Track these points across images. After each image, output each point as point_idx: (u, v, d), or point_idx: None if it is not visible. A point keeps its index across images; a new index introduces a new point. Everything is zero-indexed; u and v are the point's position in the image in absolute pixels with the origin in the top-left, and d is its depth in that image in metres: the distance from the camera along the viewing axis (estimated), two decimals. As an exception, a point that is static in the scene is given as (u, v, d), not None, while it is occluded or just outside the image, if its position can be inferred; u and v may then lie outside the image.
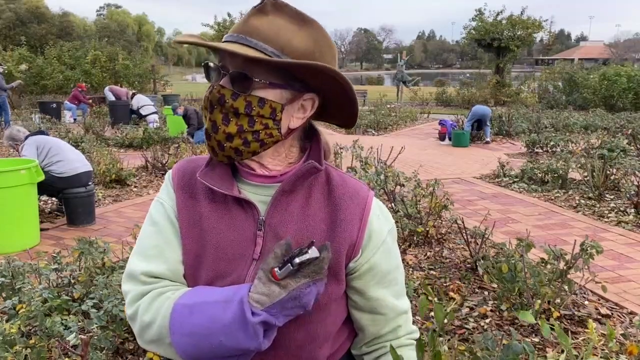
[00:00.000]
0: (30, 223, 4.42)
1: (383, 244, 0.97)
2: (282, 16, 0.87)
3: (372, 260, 0.96)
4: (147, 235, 0.97)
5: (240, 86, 0.86)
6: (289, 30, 0.86)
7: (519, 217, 5.38)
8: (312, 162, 0.92)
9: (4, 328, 2.42)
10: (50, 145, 4.86)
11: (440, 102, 21.72)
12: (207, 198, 0.95)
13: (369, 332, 1.02)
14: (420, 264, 4.03)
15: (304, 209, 0.93)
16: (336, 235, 0.92)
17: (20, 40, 24.44)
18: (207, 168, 0.95)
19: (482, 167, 8.23)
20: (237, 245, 0.92)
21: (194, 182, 0.97)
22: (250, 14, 0.88)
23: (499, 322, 3.06)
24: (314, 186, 0.95)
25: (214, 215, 0.94)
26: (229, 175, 0.95)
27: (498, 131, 12.04)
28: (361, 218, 0.94)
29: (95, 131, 10.58)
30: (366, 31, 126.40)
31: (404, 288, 1.04)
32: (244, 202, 0.93)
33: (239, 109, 0.86)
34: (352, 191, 0.96)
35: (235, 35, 0.86)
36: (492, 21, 21.99)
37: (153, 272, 0.93)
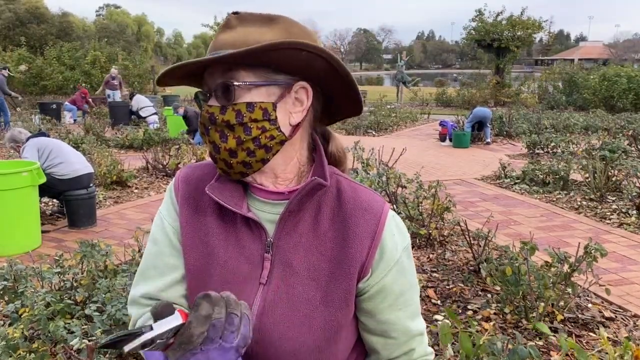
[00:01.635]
0: (32, 225, 4.41)
1: (397, 263, 0.89)
2: (249, 24, 0.84)
3: (383, 281, 0.88)
4: (148, 255, 0.95)
5: (224, 98, 0.82)
6: (258, 33, 0.83)
7: (521, 218, 5.38)
8: (315, 179, 0.85)
9: (7, 332, 2.41)
10: (52, 147, 4.85)
11: (440, 102, 21.71)
12: (215, 213, 0.91)
13: (381, 355, 0.95)
14: (423, 267, 4.02)
15: (313, 228, 0.88)
16: (346, 255, 0.86)
17: (20, 41, 24.38)
18: (217, 182, 0.90)
19: (483, 169, 8.22)
20: (244, 267, 0.87)
21: (200, 193, 0.92)
22: (218, 32, 0.86)
23: (502, 326, 3.05)
24: (323, 202, 0.90)
25: (221, 232, 0.89)
26: (239, 190, 0.91)
27: (498, 132, 12.03)
28: (373, 235, 0.87)
29: (95, 132, 10.55)
30: (366, 31, 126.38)
31: (419, 308, 0.97)
32: (252, 222, 0.88)
33: (230, 121, 0.82)
34: (365, 205, 0.90)
35: (211, 53, 0.84)
36: (492, 22, 21.99)
37: (151, 294, 0.91)
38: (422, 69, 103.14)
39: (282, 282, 0.86)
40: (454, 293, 3.51)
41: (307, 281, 0.86)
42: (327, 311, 0.86)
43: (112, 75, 15.84)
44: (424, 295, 3.49)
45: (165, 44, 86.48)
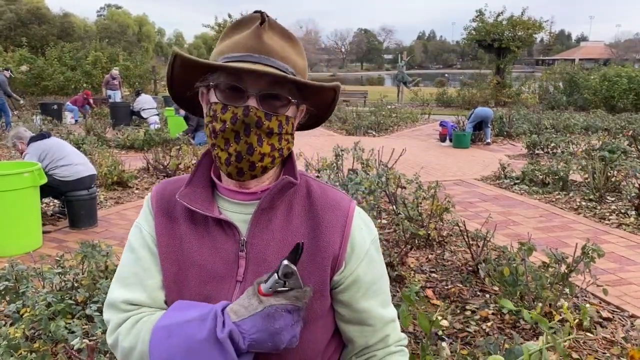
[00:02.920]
0: (33, 225, 4.43)
1: (366, 255, 0.96)
2: (277, 34, 0.90)
3: (356, 272, 0.95)
4: (126, 263, 0.97)
5: (271, 106, 0.87)
6: (289, 48, 0.90)
7: (520, 219, 5.39)
8: (286, 177, 0.92)
9: (8, 332, 2.43)
10: (54, 149, 4.86)
11: (440, 102, 21.71)
12: (188, 219, 0.94)
13: (357, 343, 1.01)
14: (422, 267, 4.04)
15: (285, 225, 0.93)
16: (318, 249, 0.92)
17: (21, 42, 24.43)
18: (187, 189, 0.94)
19: (483, 169, 8.24)
20: (220, 267, 0.91)
21: (173, 203, 0.96)
22: (257, 32, 0.88)
23: (500, 326, 3.07)
24: (294, 200, 0.95)
25: (195, 236, 0.93)
26: (209, 195, 0.95)
27: (499, 132, 12.05)
28: (343, 230, 0.94)
29: (96, 132, 10.58)
30: (366, 31, 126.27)
31: (390, 296, 1.04)
32: (225, 223, 0.92)
33: (274, 129, 0.88)
34: (333, 202, 0.96)
35: (256, 56, 0.87)
36: (493, 22, 21.99)
37: (132, 300, 0.93)
38: (423, 69, 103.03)
39: (257, 278, 0.89)
40: (453, 293, 3.52)
41: None
42: None
43: (112, 75, 15.87)
44: (423, 295, 3.50)
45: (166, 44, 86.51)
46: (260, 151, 0.88)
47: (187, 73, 0.91)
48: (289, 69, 0.89)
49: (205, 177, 0.98)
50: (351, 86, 32.04)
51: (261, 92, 0.86)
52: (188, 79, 0.92)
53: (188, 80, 0.93)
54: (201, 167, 0.98)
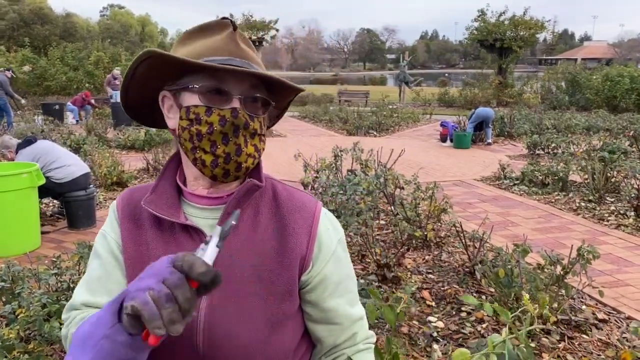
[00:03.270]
0: (31, 226, 4.45)
1: (333, 254, 0.97)
2: (244, 41, 0.93)
3: (323, 272, 0.96)
4: (92, 269, 0.98)
5: (253, 108, 0.89)
6: (253, 53, 0.93)
7: (519, 220, 5.38)
8: (251, 181, 0.92)
9: (3, 333, 2.44)
10: (45, 153, 4.83)
11: (442, 102, 21.69)
12: (154, 225, 0.95)
13: (326, 342, 1.01)
14: (419, 268, 4.04)
15: (252, 228, 0.94)
16: (286, 250, 0.93)
17: (24, 42, 24.50)
18: (153, 195, 0.94)
19: (483, 169, 8.23)
20: None
21: (139, 210, 0.96)
22: (232, 37, 0.90)
23: (495, 327, 3.07)
24: (260, 203, 0.96)
25: (161, 242, 0.93)
26: (175, 200, 0.95)
27: (500, 132, 12.03)
28: (310, 231, 0.95)
29: (97, 133, 10.61)
30: (369, 31, 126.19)
31: (357, 295, 1.05)
32: (191, 228, 0.92)
33: (257, 130, 0.90)
34: (299, 204, 0.98)
35: (239, 60, 0.88)
36: (495, 22, 21.95)
37: (93, 303, 0.94)
38: (426, 68, 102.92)
39: (226, 282, 0.88)
40: (449, 294, 3.52)
41: (251, 278, 0.91)
42: (272, 304, 0.91)
43: (114, 75, 15.89)
44: (419, 296, 3.51)
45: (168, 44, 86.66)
46: (246, 152, 0.89)
47: (156, 75, 0.89)
48: (263, 71, 0.92)
49: (171, 183, 0.98)
50: (353, 86, 32.02)
51: (244, 94, 0.88)
52: (152, 82, 0.91)
53: (151, 84, 0.91)
54: (167, 172, 0.99)
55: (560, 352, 2.83)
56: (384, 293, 3.46)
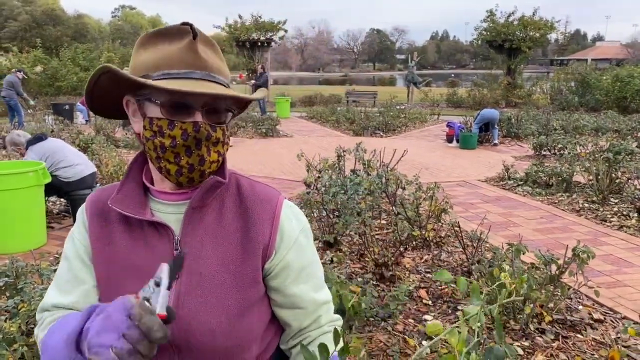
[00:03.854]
0: (37, 224, 4.54)
1: (295, 242, 1.02)
2: (205, 44, 0.95)
3: (286, 259, 1.00)
4: (61, 271, 1.03)
5: (215, 118, 0.93)
6: (216, 57, 0.96)
7: (521, 220, 5.38)
8: (213, 177, 0.96)
9: (5, 326, 2.51)
10: (53, 151, 4.92)
11: (451, 103, 21.64)
12: (122, 223, 0.99)
13: (293, 326, 1.06)
14: (417, 267, 4.06)
15: (217, 221, 0.98)
16: (250, 240, 0.97)
17: (36, 42, 24.82)
18: (119, 194, 0.98)
19: (487, 170, 8.22)
20: (155, 267, 0.92)
21: (107, 209, 1.00)
22: (192, 46, 0.91)
23: (490, 326, 3.09)
24: (225, 198, 1.00)
25: (130, 240, 0.97)
26: (141, 198, 0.99)
27: (506, 133, 11.99)
28: (272, 221, 1.00)
29: (105, 132, 10.73)
30: (379, 32, 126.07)
31: (323, 281, 1.09)
32: (158, 224, 0.96)
33: (220, 138, 0.94)
34: (262, 196, 1.02)
35: (199, 72, 0.91)
36: (504, 22, 21.86)
37: (62, 304, 1.00)
38: (436, 69, 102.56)
39: (193, 273, 0.94)
40: (446, 294, 3.55)
41: (217, 267, 0.95)
42: (238, 291, 0.96)
43: None
44: (416, 295, 3.54)
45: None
46: (209, 160, 0.94)
47: (117, 86, 0.93)
48: (225, 80, 0.95)
49: (137, 181, 1.01)
50: (361, 87, 32.02)
51: (206, 106, 0.91)
52: (114, 91, 0.94)
53: (114, 92, 0.94)
54: (132, 172, 1.02)
55: (554, 351, 2.84)
56: (381, 292, 3.49)
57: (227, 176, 1.00)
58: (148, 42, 0.94)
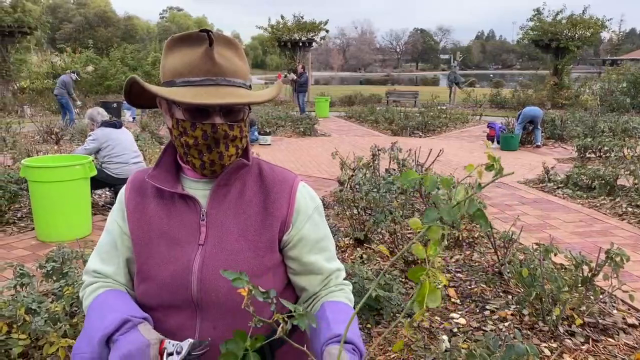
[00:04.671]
0: (83, 214, 4.79)
1: (310, 218, 1.15)
2: (223, 46, 1.05)
3: (301, 232, 1.14)
4: (102, 241, 1.20)
5: (233, 118, 1.06)
6: (235, 58, 1.07)
7: (558, 223, 5.27)
8: (239, 160, 1.10)
9: (50, 307, 2.69)
10: (116, 144, 5.17)
11: (494, 104, 21.19)
12: (156, 197, 1.14)
13: (308, 291, 1.19)
14: (448, 267, 4.06)
15: (240, 198, 1.12)
16: (268, 214, 1.11)
17: (88, 43, 25.90)
18: (155, 171, 1.13)
19: (527, 172, 8.05)
20: (185, 234, 1.10)
21: (145, 185, 1.16)
22: (208, 54, 1.02)
23: (518, 326, 3.07)
24: (247, 178, 1.14)
25: (163, 211, 1.12)
26: (174, 175, 1.14)
27: (550, 135, 11.68)
28: (289, 199, 1.13)
29: (151, 130, 11.11)
30: (422, 31, 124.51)
31: (334, 253, 1.22)
32: (187, 197, 1.11)
33: (237, 135, 1.08)
34: (280, 177, 1.16)
35: (214, 78, 1.02)
36: (551, 21, 21.22)
37: (101, 271, 1.16)
38: (481, 69, 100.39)
39: (216, 241, 1.09)
40: (475, 293, 3.54)
41: (237, 237, 1.09)
42: (254, 257, 1.09)
43: None
44: (444, 294, 3.54)
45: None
46: (228, 155, 1.08)
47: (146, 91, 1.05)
48: (240, 81, 1.06)
49: (170, 162, 1.15)
50: (402, 87, 31.77)
51: (223, 109, 1.04)
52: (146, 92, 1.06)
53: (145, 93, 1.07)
54: (166, 153, 1.16)
55: (583, 354, 2.80)
56: (409, 289, 3.52)
57: (250, 160, 1.14)
58: (174, 47, 1.07)
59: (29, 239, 4.71)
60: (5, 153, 8.24)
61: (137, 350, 0.95)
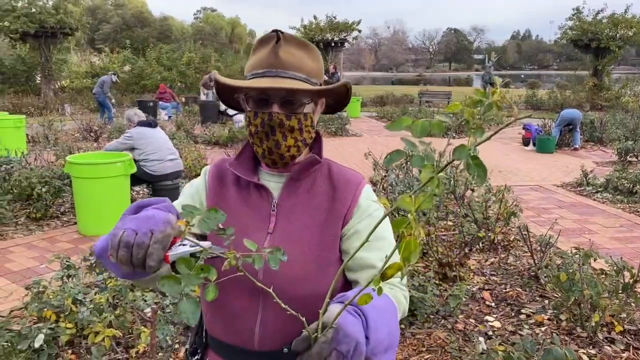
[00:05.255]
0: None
1: (369, 216, 1.18)
2: (293, 46, 1.14)
3: (357, 226, 1.16)
4: (179, 202, 1.25)
5: (290, 108, 1.12)
6: (304, 57, 1.14)
7: (597, 228, 5.14)
8: (312, 155, 1.18)
9: (94, 298, 2.80)
10: (151, 142, 5.33)
11: (530, 105, 20.75)
12: (234, 184, 1.22)
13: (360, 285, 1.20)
14: (483, 269, 4.02)
15: (309, 193, 1.18)
16: (333, 211, 1.16)
17: (125, 43, 26.56)
18: (236, 161, 1.22)
19: (565, 175, 7.87)
20: (256, 221, 1.17)
21: (225, 172, 1.25)
22: (274, 49, 1.12)
23: (555, 331, 3.02)
24: (317, 176, 1.20)
25: (239, 197, 1.20)
26: (252, 166, 1.22)
27: (589, 137, 11.38)
28: (353, 197, 1.17)
29: (185, 129, 11.34)
30: (456, 31, 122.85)
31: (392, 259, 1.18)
32: (262, 187, 1.19)
33: (294, 126, 1.13)
34: (348, 177, 1.21)
35: (274, 70, 1.11)
36: (591, 20, 20.66)
37: None
38: (516, 69, 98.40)
39: (284, 231, 1.15)
40: (510, 297, 3.50)
41: (303, 229, 1.15)
42: (319, 250, 1.14)
43: (210, 77, 16.82)
44: (479, 297, 3.51)
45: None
46: (285, 145, 1.13)
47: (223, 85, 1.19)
48: (302, 76, 1.12)
49: (249, 155, 1.24)
50: (435, 87, 31.44)
51: (281, 99, 1.11)
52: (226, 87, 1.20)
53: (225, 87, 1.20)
54: (247, 146, 1.25)
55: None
56: (443, 291, 3.50)
57: (322, 157, 1.21)
58: (256, 48, 1.18)
59: (71, 233, 4.89)
60: (48, 150, 8.55)
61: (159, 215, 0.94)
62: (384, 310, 1.01)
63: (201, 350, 1.21)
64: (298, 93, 1.12)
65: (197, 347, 1.22)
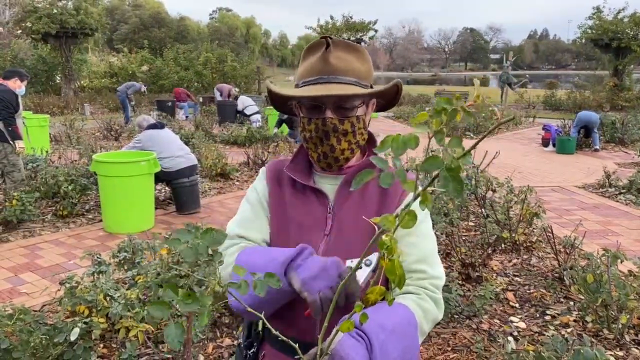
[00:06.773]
0: (147, 208, 5.02)
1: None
2: (342, 50, 1.16)
3: None
4: (244, 211, 1.29)
5: (343, 113, 1.15)
6: (354, 61, 1.16)
7: (621, 230, 5.09)
8: (368, 159, 1.19)
9: (125, 294, 2.86)
10: (158, 142, 5.43)
11: (548, 105, 20.53)
12: (291, 187, 1.25)
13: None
14: (505, 270, 4.01)
15: (362, 196, 1.20)
16: (383, 209, 1.19)
17: (143, 44, 26.85)
18: (292, 164, 1.25)
19: (586, 176, 7.79)
20: (312, 224, 1.20)
21: (281, 175, 1.28)
22: (324, 56, 1.14)
23: (581, 333, 3.01)
24: None
25: (296, 200, 1.23)
26: (308, 169, 1.26)
27: (610, 138, 11.23)
28: (400, 196, 1.20)
29: (204, 128, 11.44)
30: (472, 30, 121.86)
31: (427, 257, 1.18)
32: (318, 191, 1.21)
33: (347, 130, 1.16)
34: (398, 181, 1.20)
35: (326, 77, 1.14)
36: (612, 19, 20.36)
37: (244, 235, 1.25)
38: (533, 69, 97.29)
39: (339, 232, 1.18)
40: (534, 297, 3.49)
41: (355, 231, 1.18)
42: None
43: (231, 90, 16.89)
44: (503, 297, 3.51)
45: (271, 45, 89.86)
46: (339, 149, 1.17)
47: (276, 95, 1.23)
48: (352, 79, 1.14)
49: (304, 158, 1.28)
50: (451, 87, 31.26)
51: (334, 104, 1.14)
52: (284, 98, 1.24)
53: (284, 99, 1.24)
54: (302, 150, 1.28)
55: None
56: (466, 291, 3.50)
57: None
58: (304, 56, 1.21)
59: (97, 230, 4.98)
60: (71, 149, 8.70)
61: (331, 262, 1.01)
62: (396, 330, 0.99)
63: (257, 344, 1.25)
64: (350, 97, 1.13)
65: (253, 340, 1.26)
